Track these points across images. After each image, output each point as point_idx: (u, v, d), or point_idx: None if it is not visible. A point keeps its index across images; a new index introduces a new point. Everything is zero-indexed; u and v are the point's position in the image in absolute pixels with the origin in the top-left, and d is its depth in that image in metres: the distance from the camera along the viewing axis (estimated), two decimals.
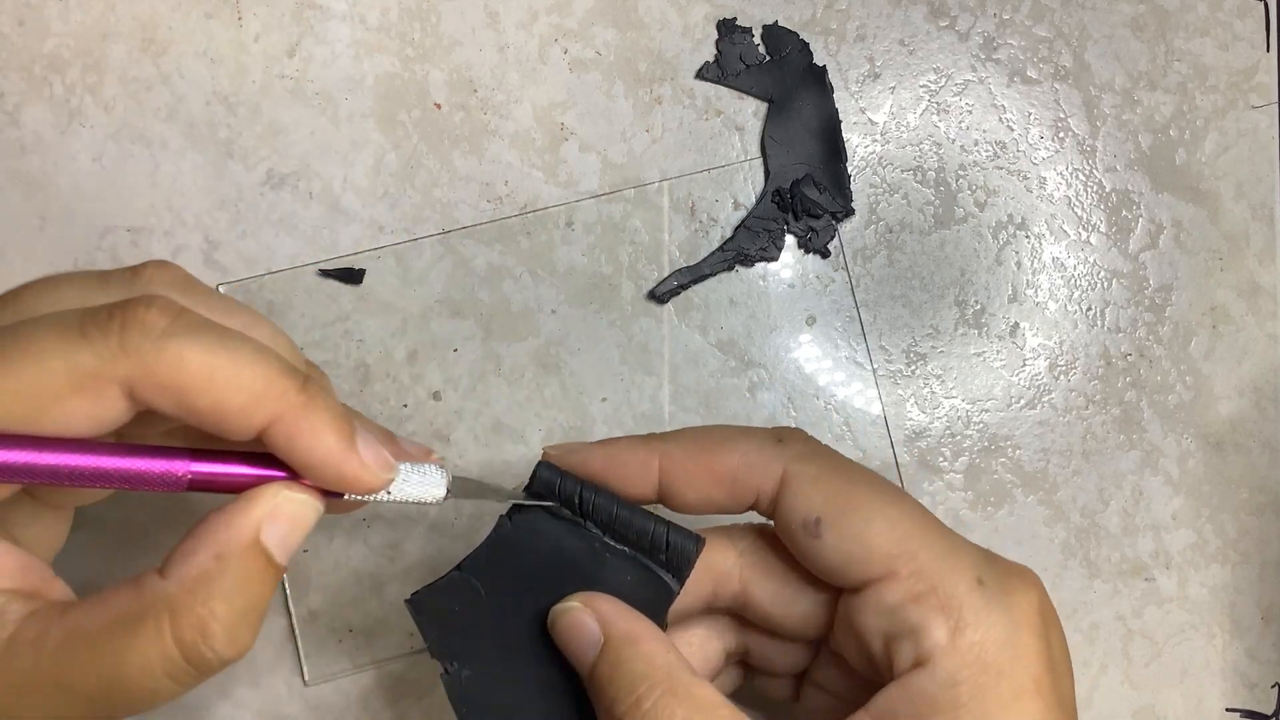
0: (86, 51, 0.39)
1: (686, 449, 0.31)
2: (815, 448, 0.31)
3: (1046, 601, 0.30)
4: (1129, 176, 0.42)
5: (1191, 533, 0.42)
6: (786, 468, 0.30)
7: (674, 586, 0.31)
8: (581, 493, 0.30)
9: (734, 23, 0.41)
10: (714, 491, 0.31)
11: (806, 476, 0.30)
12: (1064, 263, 0.42)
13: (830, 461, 0.31)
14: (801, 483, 0.30)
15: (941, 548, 0.29)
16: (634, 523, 0.30)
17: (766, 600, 0.32)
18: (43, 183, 0.39)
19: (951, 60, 0.42)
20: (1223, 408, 0.42)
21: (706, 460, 0.31)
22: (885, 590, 0.29)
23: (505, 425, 0.40)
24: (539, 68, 0.40)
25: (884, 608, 0.29)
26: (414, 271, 0.40)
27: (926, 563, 0.29)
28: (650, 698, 0.28)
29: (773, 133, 0.41)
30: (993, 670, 0.28)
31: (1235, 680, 0.42)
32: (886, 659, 0.29)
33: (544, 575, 0.31)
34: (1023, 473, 0.41)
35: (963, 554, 0.29)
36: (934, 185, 0.42)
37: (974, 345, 0.42)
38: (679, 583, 0.31)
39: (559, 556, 0.31)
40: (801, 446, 0.31)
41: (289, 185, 0.39)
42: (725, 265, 0.40)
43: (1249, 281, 0.43)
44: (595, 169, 0.40)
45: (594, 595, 0.30)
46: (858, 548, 0.29)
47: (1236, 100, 0.43)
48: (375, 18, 0.40)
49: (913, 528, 0.29)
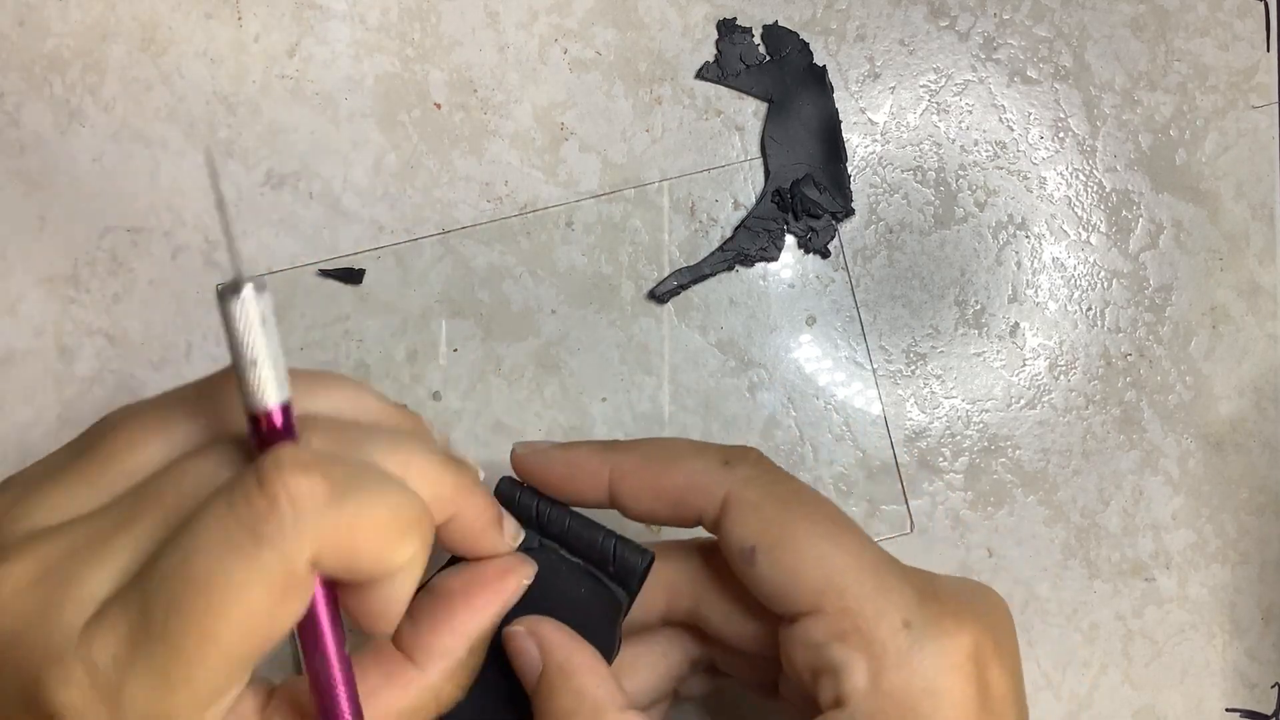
0: (86, 51, 0.39)
1: (636, 463, 0.31)
2: (762, 473, 0.31)
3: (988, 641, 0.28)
4: (1129, 176, 0.42)
5: (1191, 533, 0.42)
6: (729, 492, 0.30)
7: (623, 599, 0.31)
8: (538, 505, 0.31)
9: (734, 23, 0.41)
10: (658, 507, 0.31)
11: (747, 503, 0.30)
12: (1064, 263, 0.42)
13: (775, 490, 0.30)
14: (741, 509, 0.30)
15: (872, 586, 0.28)
16: (584, 535, 0.31)
17: (717, 619, 0.32)
18: (43, 183, 0.39)
19: (951, 60, 0.42)
20: (1223, 408, 0.42)
21: (653, 476, 0.31)
22: (811, 625, 0.28)
23: (505, 425, 0.40)
24: (539, 68, 0.40)
25: (809, 642, 0.28)
26: (414, 271, 0.40)
27: (853, 601, 0.28)
28: None
29: (773, 133, 0.41)
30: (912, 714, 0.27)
31: (1235, 680, 0.42)
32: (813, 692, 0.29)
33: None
34: (1023, 473, 0.41)
35: (894, 594, 0.28)
36: (934, 185, 0.42)
37: (974, 345, 0.42)
38: (629, 596, 0.31)
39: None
40: (749, 470, 0.30)
41: (289, 185, 0.39)
42: (725, 265, 0.40)
43: (1249, 281, 0.43)
44: (595, 169, 0.40)
45: (539, 620, 0.30)
46: (787, 580, 0.29)
47: (1236, 100, 0.43)
48: (375, 18, 0.40)
49: (846, 564, 0.28)
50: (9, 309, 0.39)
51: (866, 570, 0.29)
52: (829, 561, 0.29)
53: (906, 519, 0.41)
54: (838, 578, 0.28)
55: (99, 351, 0.39)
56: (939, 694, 0.27)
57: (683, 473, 0.31)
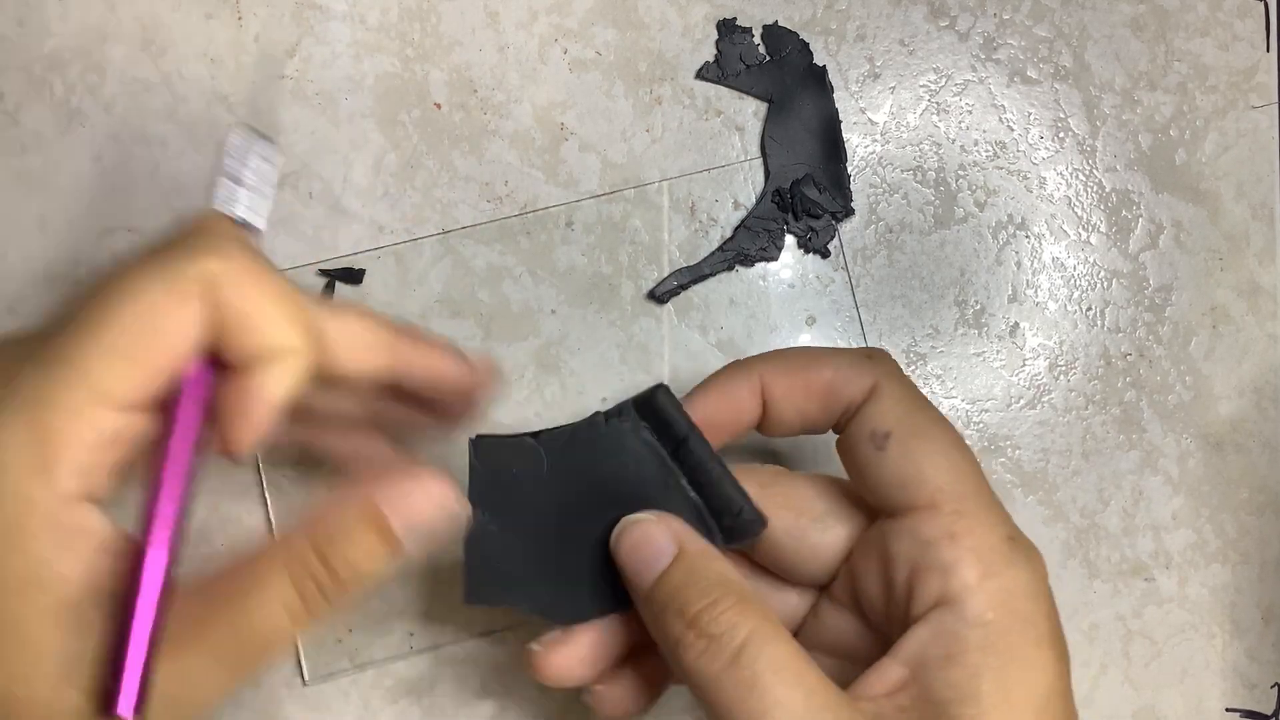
0: (86, 51, 0.39)
1: (782, 366, 0.33)
2: (900, 370, 0.32)
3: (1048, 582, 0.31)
4: (1129, 176, 0.42)
5: (1191, 533, 0.42)
6: (877, 380, 0.31)
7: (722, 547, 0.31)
8: (689, 436, 0.31)
9: (734, 23, 0.41)
10: (810, 405, 0.32)
11: (892, 393, 0.31)
12: (1064, 263, 0.42)
13: (913, 387, 0.32)
14: (885, 396, 0.31)
15: (986, 499, 0.30)
16: (721, 482, 0.31)
17: (780, 529, 0.32)
18: (43, 183, 0.39)
19: (951, 60, 0.42)
20: (1223, 408, 0.42)
21: (803, 375, 0.32)
22: (924, 521, 0.29)
23: (505, 425, 0.40)
24: (539, 68, 0.40)
25: (919, 538, 0.29)
26: (414, 271, 0.40)
27: (969, 506, 0.29)
28: (726, 603, 0.28)
29: (773, 133, 0.41)
30: (1019, 616, 0.29)
31: (1235, 680, 0.42)
32: (907, 592, 0.29)
33: (611, 482, 0.32)
34: (1022, 473, 0.41)
35: (1000, 512, 0.30)
36: (934, 185, 0.42)
37: (974, 345, 0.42)
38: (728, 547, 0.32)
39: (633, 472, 0.32)
40: (890, 365, 0.32)
41: (289, 185, 0.39)
42: (725, 265, 0.40)
43: (1249, 281, 0.43)
44: (595, 169, 0.40)
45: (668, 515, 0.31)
46: (914, 470, 0.30)
47: (1236, 100, 0.43)
48: (375, 18, 0.40)
49: (968, 471, 0.30)
50: (9, 309, 0.39)
51: (982, 485, 0.30)
52: (955, 465, 0.30)
53: None
54: (960, 482, 0.30)
55: None
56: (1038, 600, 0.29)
57: (831, 365, 0.32)
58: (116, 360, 0.26)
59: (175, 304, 0.26)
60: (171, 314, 0.26)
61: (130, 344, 0.26)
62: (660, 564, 0.30)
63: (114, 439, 0.26)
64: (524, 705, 0.39)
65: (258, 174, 0.30)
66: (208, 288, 0.26)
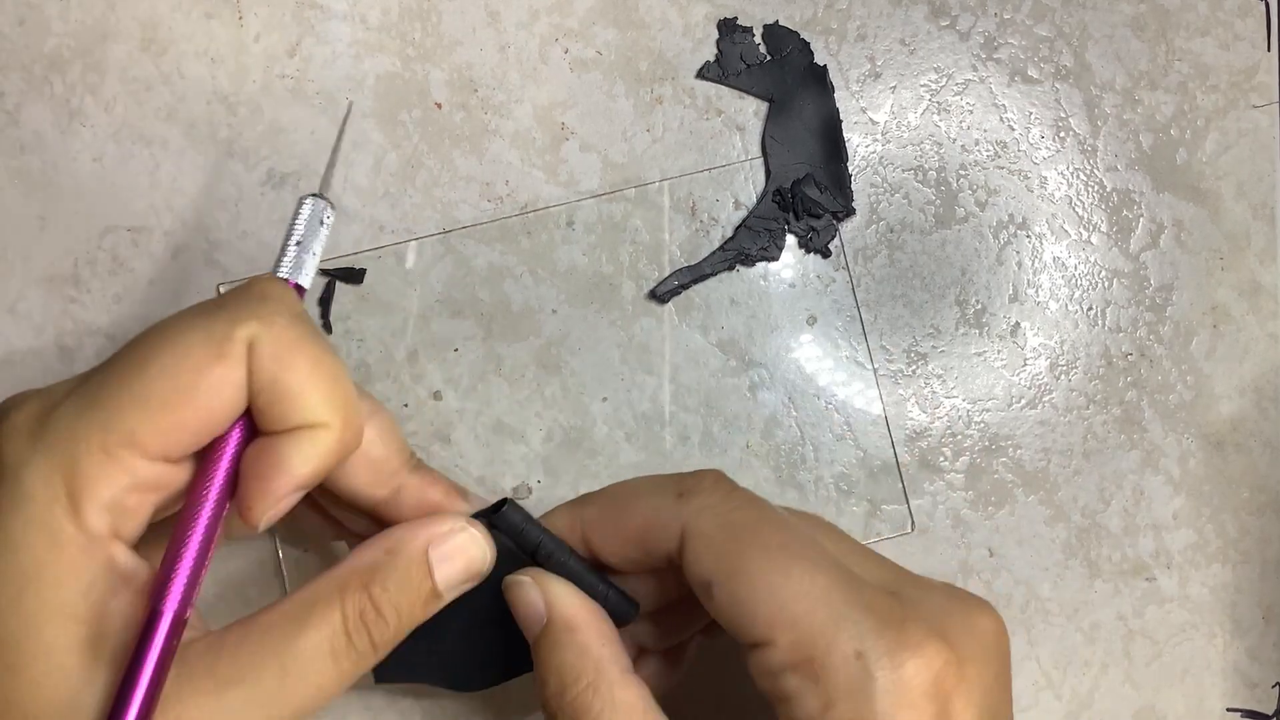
0: (86, 51, 0.39)
1: (598, 511, 0.32)
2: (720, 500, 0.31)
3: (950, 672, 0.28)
4: (1130, 176, 0.42)
5: (1192, 532, 0.42)
6: (685, 525, 0.30)
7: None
8: (542, 540, 0.31)
9: (734, 22, 0.41)
10: (628, 550, 0.31)
11: (701, 537, 0.30)
12: (1065, 262, 0.42)
13: (730, 518, 0.30)
14: (695, 543, 0.30)
15: (824, 616, 0.28)
16: (581, 578, 0.31)
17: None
18: (43, 183, 0.39)
19: (952, 60, 0.42)
20: (1223, 407, 0.42)
21: (615, 521, 0.31)
22: (767, 655, 0.28)
23: (505, 425, 0.40)
24: (539, 67, 0.40)
25: (766, 670, 0.29)
26: (414, 271, 0.40)
27: (804, 633, 0.28)
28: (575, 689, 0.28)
29: (773, 132, 0.41)
30: None
31: (1236, 680, 0.42)
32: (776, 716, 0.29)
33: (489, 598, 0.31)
34: (1023, 472, 0.41)
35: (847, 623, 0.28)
36: (935, 185, 0.42)
37: (975, 345, 0.42)
38: None
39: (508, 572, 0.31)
40: (704, 499, 0.30)
41: (289, 185, 0.39)
42: (726, 265, 0.40)
43: (1250, 281, 0.42)
44: (596, 169, 0.40)
45: (546, 575, 0.31)
46: (742, 612, 0.29)
47: (1237, 100, 0.43)
48: (375, 17, 0.40)
49: (797, 594, 0.28)
50: (9, 309, 0.39)
51: (818, 600, 0.28)
52: (780, 593, 0.28)
53: (907, 519, 0.41)
54: (789, 609, 0.28)
55: (99, 351, 0.39)
56: None
57: (640, 513, 0.31)
58: (151, 409, 0.26)
59: (213, 361, 0.26)
60: (209, 370, 0.26)
61: (165, 394, 0.26)
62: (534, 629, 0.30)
63: (146, 485, 0.26)
64: (524, 705, 0.39)
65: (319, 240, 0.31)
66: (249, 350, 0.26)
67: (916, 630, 0.28)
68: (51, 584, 0.25)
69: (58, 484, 0.25)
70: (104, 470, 0.25)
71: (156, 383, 0.26)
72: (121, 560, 0.26)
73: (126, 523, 0.26)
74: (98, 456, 0.25)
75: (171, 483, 0.27)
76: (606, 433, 0.40)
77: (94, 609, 0.25)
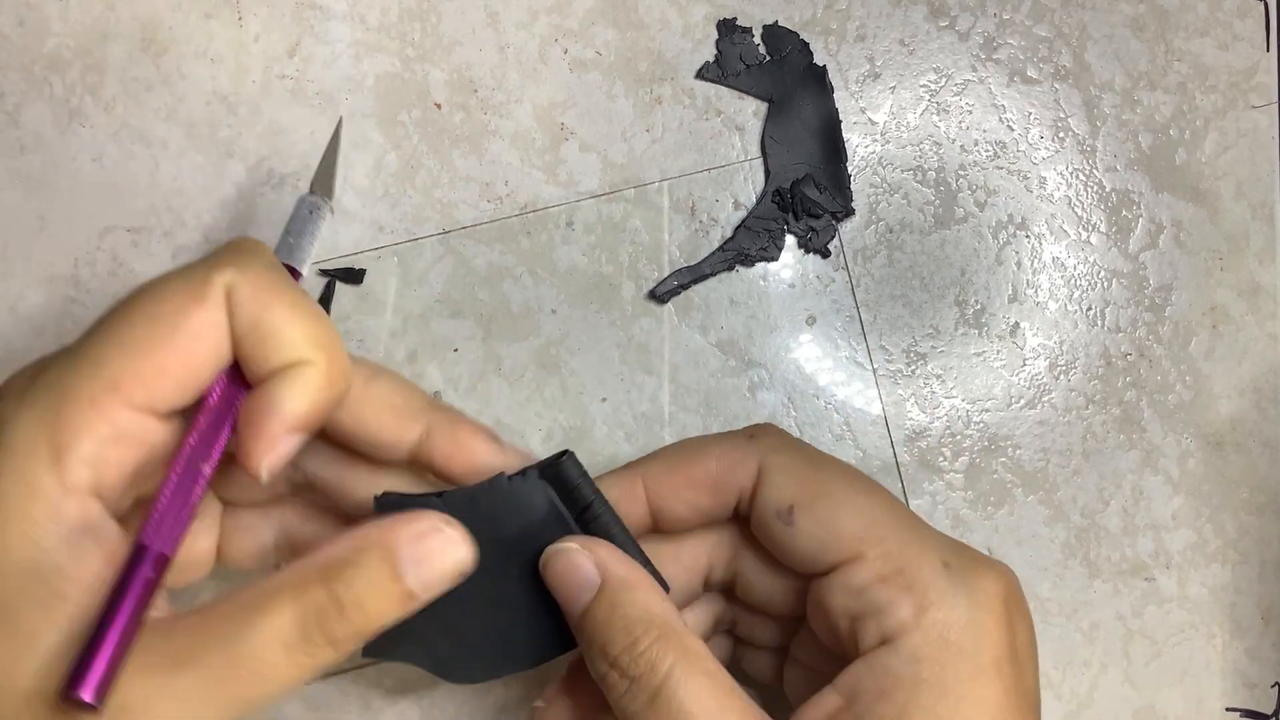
0: (86, 51, 0.39)
1: (665, 464, 0.32)
2: (786, 440, 0.32)
3: (1015, 593, 0.30)
4: (1129, 176, 0.42)
5: (1191, 532, 0.42)
6: (762, 460, 0.31)
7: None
8: (594, 501, 0.31)
9: (734, 23, 0.41)
10: (699, 498, 0.32)
11: (780, 467, 0.31)
12: (1064, 262, 0.42)
13: (802, 452, 0.32)
14: (776, 473, 0.31)
15: (909, 533, 0.30)
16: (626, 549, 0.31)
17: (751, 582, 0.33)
18: (43, 183, 0.39)
19: (951, 60, 0.42)
20: (1223, 407, 0.42)
21: (686, 470, 0.32)
22: (853, 572, 0.29)
23: (505, 425, 0.40)
24: (539, 68, 0.40)
25: (851, 588, 0.29)
26: (414, 271, 0.40)
27: (894, 546, 0.29)
28: (646, 641, 0.28)
29: (773, 133, 0.41)
30: (954, 649, 0.28)
31: (1235, 680, 0.42)
32: (853, 638, 0.29)
33: (516, 542, 0.31)
34: (1023, 472, 0.41)
35: (929, 539, 0.30)
36: (934, 185, 0.42)
37: (974, 345, 0.42)
38: None
39: (538, 534, 0.31)
40: (774, 439, 0.32)
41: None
42: (725, 265, 0.40)
43: (1249, 281, 0.43)
44: (595, 169, 0.40)
45: (592, 540, 0.30)
46: (828, 532, 0.30)
47: (1236, 100, 0.43)
48: (375, 18, 0.40)
49: (882, 513, 0.30)
50: (9, 309, 0.39)
51: (903, 518, 0.30)
52: (867, 512, 0.30)
53: None
54: (877, 525, 0.30)
55: None
56: (978, 628, 0.28)
57: (713, 456, 0.32)
58: (132, 355, 0.26)
59: (191, 304, 0.26)
60: (188, 313, 0.26)
61: (145, 339, 0.26)
62: (586, 596, 0.29)
63: (130, 438, 0.26)
64: (524, 705, 0.39)
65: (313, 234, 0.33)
66: (228, 295, 0.27)
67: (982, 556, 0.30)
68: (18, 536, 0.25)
69: (40, 436, 0.25)
70: (86, 420, 0.26)
71: (137, 329, 0.26)
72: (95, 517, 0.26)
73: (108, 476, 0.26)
74: (82, 405, 0.26)
75: (156, 440, 0.27)
76: (606, 433, 0.40)
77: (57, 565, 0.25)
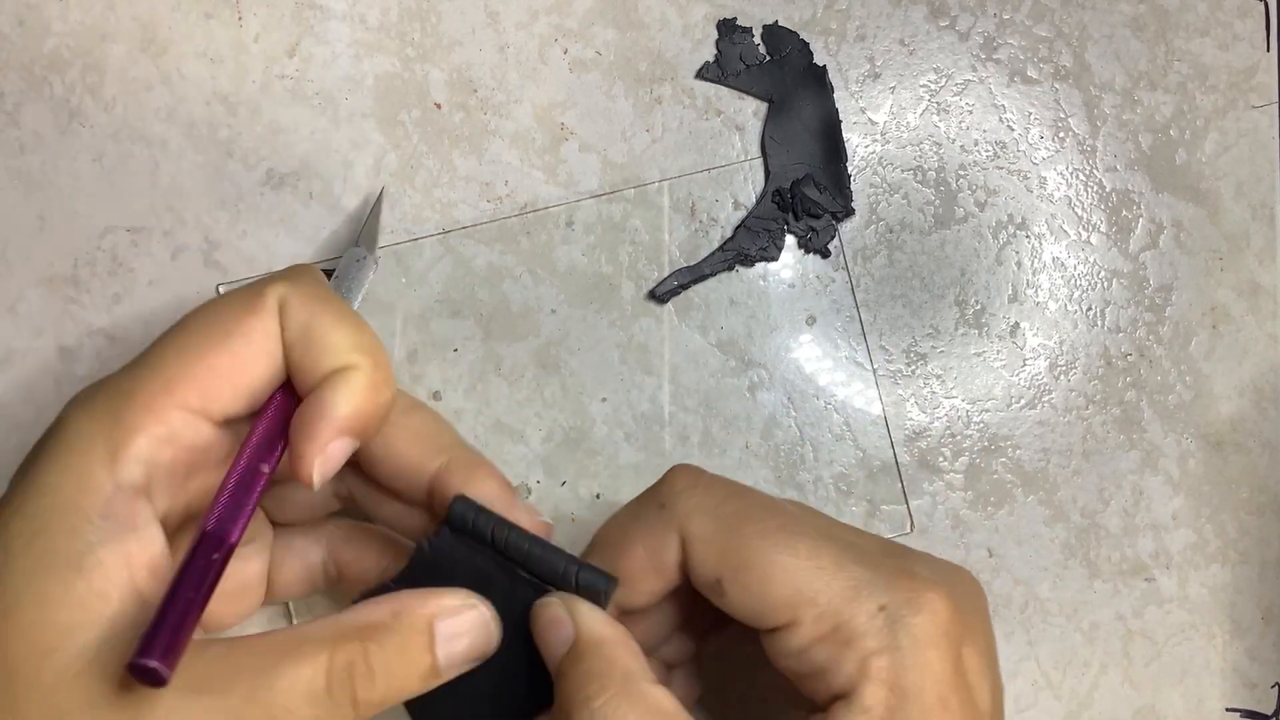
0: (86, 51, 0.39)
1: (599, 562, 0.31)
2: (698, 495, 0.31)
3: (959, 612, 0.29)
4: (1129, 176, 0.42)
5: (1191, 533, 0.42)
6: (681, 531, 0.30)
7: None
8: (494, 529, 0.31)
9: (734, 23, 0.41)
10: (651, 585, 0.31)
11: (699, 537, 0.30)
12: (1064, 262, 0.42)
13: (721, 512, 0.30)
14: (697, 544, 0.30)
15: (840, 583, 0.29)
16: (546, 559, 0.31)
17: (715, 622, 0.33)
18: (43, 183, 0.39)
19: (952, 60, 0.42)
20: (1223, 408, 0.42)
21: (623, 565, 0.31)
22: (791, 636, 0.29)
23: (505, 425, 0.40)
24: (539, 68, 0.40)
25: (793, 651, 0.29)
26: (413, 271, 0.40)
27: (825, 604, 0.29)
28: (602, 696, 0.28)
29: (773, 133, 0.41)
30: (900, 693, 0.28)
31: (1235, 680, 0.42)
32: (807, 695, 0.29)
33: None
34: (1023, 473, 0.41)
35: (863, 585, 0.29)
36: (934, 185, 0.42)
37: (974, 345, 0.42)
38: None
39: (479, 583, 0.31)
40: (686, 502, 0.31)
41: (289, 185, 0.39)
42: (725, 265, 0.40)
43: (1249, 281, 0.43)
44: (595, 169, 0.40)
45: (573, 598, 0.30)
46: (759, 602, 0.29)
47: (1237, 100, 0.43)
48: (375, 18, 0.40)
49: (809, 571, 0.29)
50: (9, 309, 0.39)
51: (832, 571, 0.29)
52: (794, 574, 0.29)
53: (907, 519, 0.41)
54: (807, 586, 0.29)
55: (99, 351, 0.39)
56: (922, 669, 0.28)
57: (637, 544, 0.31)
58: (187, 358, 0.28)
59: (245, 313, 0.28)
60: (242, 321, 0.28)
61: (201, 344, 0.28)
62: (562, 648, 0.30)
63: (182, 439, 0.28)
64: None
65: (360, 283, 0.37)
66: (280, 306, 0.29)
67: (923, 581, 0.29)
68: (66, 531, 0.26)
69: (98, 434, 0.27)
70: (142, 420, 0.27)
71: (193, 336, 0.28)
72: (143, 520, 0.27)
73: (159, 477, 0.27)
74: (138, 406, 0.27)
75: (209, 445, 0.29)
76: (606, 433, 0.40)
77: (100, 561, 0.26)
